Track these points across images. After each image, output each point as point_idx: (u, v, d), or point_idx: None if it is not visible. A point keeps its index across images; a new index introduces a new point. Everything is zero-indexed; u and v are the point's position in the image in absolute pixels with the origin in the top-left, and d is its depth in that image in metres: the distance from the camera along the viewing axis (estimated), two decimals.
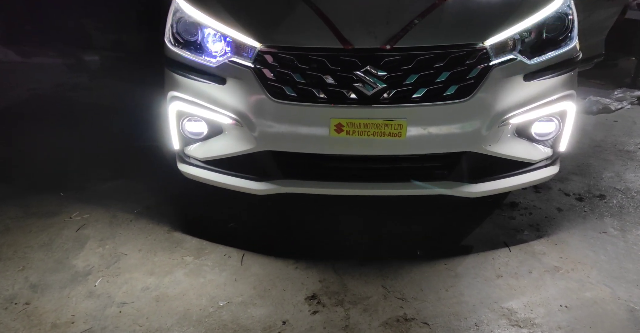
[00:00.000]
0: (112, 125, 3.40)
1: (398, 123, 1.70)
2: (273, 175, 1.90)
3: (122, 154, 2.92)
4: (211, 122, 1.92)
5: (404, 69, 1.68)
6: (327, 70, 1.70)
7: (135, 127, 3.30)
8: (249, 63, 1.74)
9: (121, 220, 2.23)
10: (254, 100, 1.76)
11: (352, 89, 1.70)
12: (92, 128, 3.35)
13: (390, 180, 1.90)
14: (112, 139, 3.16)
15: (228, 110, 1.82)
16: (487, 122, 1.76)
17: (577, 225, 2.19)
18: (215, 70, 1.81)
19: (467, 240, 2.10)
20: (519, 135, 1.92)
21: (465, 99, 1.70)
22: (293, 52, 1.71)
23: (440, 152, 1.83)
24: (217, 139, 1.95)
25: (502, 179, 1.94)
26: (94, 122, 3.46)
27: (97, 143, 3.09)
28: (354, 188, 1.89)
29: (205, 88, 1.84)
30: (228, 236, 2.12)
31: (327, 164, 1.92)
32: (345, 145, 1.78)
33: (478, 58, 1.70)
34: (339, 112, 1.72)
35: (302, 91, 1.73)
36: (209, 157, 1.96)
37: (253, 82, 1.74)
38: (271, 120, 1.77)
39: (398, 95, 1.70)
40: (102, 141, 3.12)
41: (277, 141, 1.81)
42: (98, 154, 2.93)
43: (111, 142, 3.10)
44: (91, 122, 3.47)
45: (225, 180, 1.97)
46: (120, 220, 2.24)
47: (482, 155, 1.84)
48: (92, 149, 3.00)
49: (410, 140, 1.74)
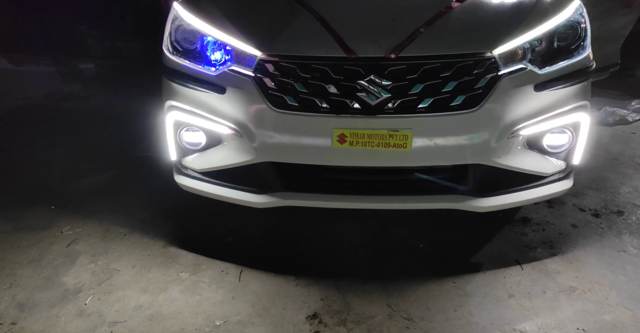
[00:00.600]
0: (107, 136, 3.45)
1: (403, 134, 1.73)
2: (273, 188, 1.93)
3: (117, 165, 2.97)
4: (210, 132, 1.95)
5: (410, 79, 1.72)
6: (330, 80, 1.74)
7: (131, 138, 3.34)
8: (250, 72, 1.79)
9: (114, 235, 2.26)
10: (254, 110, 1.80)
11: (356, 99, 1.74)
12: (86, 139, 3.40)
13: (395, 193, 1.93)
14: (107, 150, 3.21)
15: (227, 120, 1.86)
16: (496, 134, 1.78)
17: (593, 243, 2.20)
18: (214, 79, 1.85)
19: (476, 256, 2.11)
20: (530, 147, 1.94)
21: (473, 110, 1.74)
22: (295, 61, 1.75)
23: (447, 165, 1.86)
24: (215, 150, 1.98)
25: (512, 193, 1.96)
26: (89, 133, 3.52)
27: (91, 154, 3.14)
28: (357, 201, 1.92)
29: (204, 97, 1.88)
30: (226, 251, 2.14)
31: (329, 176, 1.95)
32: (349, 156, 1.80)
33: (486, 67, 1.74)
34: (342, 122, 1.75)
35: (304, 101, 1.76)
36: (207, 169, 2.00)
37: (253, 92, 1.78)
38: (272, 131, 1.80)
39: (403, 105, 1.74)
40: (97, 152, 3.17)
41: (278, 152, 1.84)
42: (92, 165, 2.98)
43: (106, 154, 3.14)
44: (85, 132, 3.53)
45: (224, 193, 1.99)
46: (114, 235, 2.27)
47: (491, 168, 1.86)
48: (86, 160, 3.05)
49: (416, 152, 1.76)
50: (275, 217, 2.40)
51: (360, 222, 2.37)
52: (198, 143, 2.01)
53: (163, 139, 2.07)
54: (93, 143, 3.29)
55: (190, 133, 2.01)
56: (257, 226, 2.35)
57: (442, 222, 2.37)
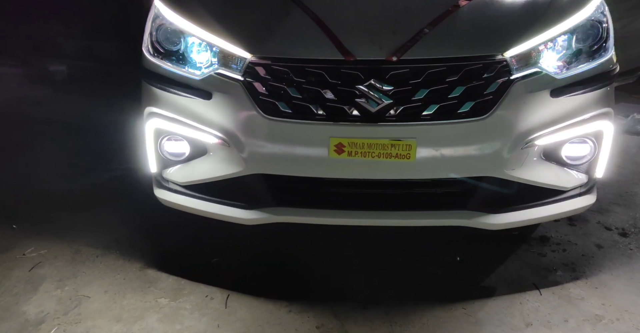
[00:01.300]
0: (80, 146, 3.49)
1: (406, 143, 1.77)
2: (264, 202, 1.96)
3: (90, 179, 3.01)
4: (194, 141, 2.00)
5: (413, 83, 1.77)
6: (326, 84, 1.78)
7: (106, 148, 3.39)
8: (238, 76, 1.83)
9: (85, 256, 2.29)
10: (244, 117, 1.85)
11: (355, 105, 1.78)
12: (55, 149, 3.44)
13: (399, 209, 1.96)
14: (80, 161, 3.25)
15: (213, 128, 1.90)
16: (509, 144, 1.82)
17: (621, 266, 2.22)
18: (199, 84, 1.90)
19: (489, 280, 2.14)
20: (547, 158, 1.98)
21: (483, 117, 1.78)
22: (288, 64, 1.80)
23: (455, 177, 1.89)
24: (200, 161, 2.02)
25: (528, 209, 1.99)
26: (58, 143, 3.55)
27: (62, 166, 3.17)
28: (356, 217, 1.95)
29: (187, 103, 1.93)
30: (211, 274, 2.17)
31: (326, 190, 1.98)
32: (347, 168, 1.84)
33: (497, 71, 1.79)
34: (339, 130, 1.79)
35: (297, 107, 1.81)
36: (191, 182, 2.03)
37: (242, 97, 1.83)
38: (262, 140, 1.85)
39: (406, 112, 1.78)
40: (67, 164, 3.20)
41: (269, 163, 1.88)
42: (61, 179, 3.01)
43: (77, 166, 3.18)
44: (55, 142, 3.57)
45: (209, 208, 2.02)
46: (84, 256, 2.29)
47: (504, 181, 1.90)
48: (55, 173, 3.08)
49: (421, 163, 1.80)
50: (266, 234, 2.43)
51: (360, 240, 2.39)
52: (181, 153, 2.05)
53: (142, 149, 2.11)
54: (64, 153, 3.33)
55: (172, 142, 2.05)
56: (246, 245, 2.39)
57: (451, 241, 2.40)
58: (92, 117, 3.96)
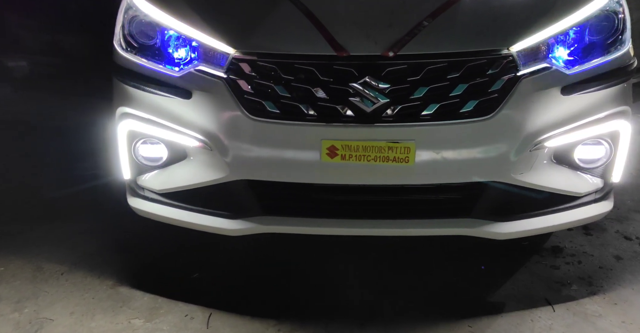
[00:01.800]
0: (43, 151, 3.49)
1: (405, 146, 1.81)
2: (250, 211, 1.99)
3: (55, 187, 3.01)
4: (172, 145, 2.02)
5: (411, 81, 1.80)
6: (317, 82, 1.82)
7: (74, 153, 3.38)
8: (221, 73, 1.86)
9: (48, 274, 2.28)
10: (227, 118, 1.88)
11: (348, 105, 1.81)
12: (16, 154, 3.42)
13: (397, 217, 1.99)
14: (43, 168, 3.25)
15: (194, 130, 1.92)
16: (516, 146, 1.86)
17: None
18: (178, 82, 1.93)
19: (497, 295, 2.17)
20: (558, 161, 2.02)
21: (488, 117, 1.82)
22: (275, 60, 1.83)
23: (457, 182, 1.93)
24: (179, 166, 2.05)
25: (538, 217, 2.03)
26: (19, 147, 3.54)
27: (23, 173, 3.17)
28: (351, 226, 1.98)
29: (165, 103, 1.95)
30: (191, 290, 2.18)
31: (317, 197, 2.00)
32: (340, 173, 1.88)
33: (503, 67, 1.82)
34: (332, 132, 1.83)
35: (286, 107, 1.84)
36: (169, 189, 2.05)
37: (226, 96, 1.86)
38: (248, 143, 1.88)
39: (404, 112, 1.82)
40: (29, 171, 3.20)
41: (256, 168, 1.91)
42: (23, 187, 3.01)
43: (41, 173, 3.18)
44: (16, 146, 3.56)
45: (189, 218, 2.05)
46: (47, 274, 2.28)
47: (512, 187, 1.94)
48: (16, 181, 3.08)
49: (420, 167, 1.84)
50: (252, 245, 2.45)
51: (356, 252, 2.42)
52: (158, 158, 2.08)
53: (114, 154, 2.12)
54: (26, 158, 3.33)
55: (148, 146, 2.07)
56: (231, 258, 2.41)
57: (455, 251, 2.43)
58: (58, 119, 3.96)
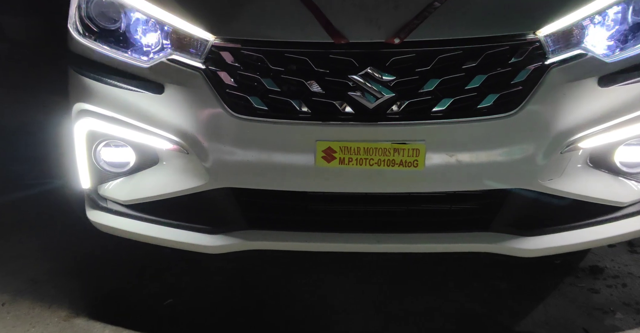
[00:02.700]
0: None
1: (413, 147, 1.87)
2: (233, 225, 2.05)
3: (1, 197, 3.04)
4: (141, 148, 2.07)
5: (421, 72, 1.86)
6: (312, 74, 1.87)
7: (20, 157, 3.42)
8: (199, 63, 1.92)
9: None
10: (206, 117, 1.93)
11: (347, 100, 1.87)
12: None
13: (404, 231, 2.04)
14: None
15: (167, 130, 1.97)
16: (545, 147, 1.91)
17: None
18: (147, 73, 1.98)
19: (524, 323, 2.19)
20: (595, 165, 2.07)
21: (510, 113, 1.87)
22: (262, 48, 1.88)
23: (475, 190, 1.99)
24: (149, 173, 2.10)
25: (572, 231, 2.07)
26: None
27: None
28: (351, 242, 2.03)
29: (132, 98, 2.00)
30: (162, 319, 2.22)
31: (312, 207, 2.07)
32: (338, 179, 1.93)
33: (528, 55, 1.87)
34: (328, 132, 1.88)
35: (275, 103, 1.89)
36: (137, 200, 2.11)
37: (204, 91, 1.91)
38: (231, 145, 1.93)
39: (412, 108, 1.87)
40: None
41: (240, 175, 1.96)
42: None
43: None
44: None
45: (161, 234, 2.10)
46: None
47: (539, 195, 1.99)
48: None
49: (431, 172, 1.90)
50: (235, 264, 2.50)
51: (357, 271, 2.47)
52: (123, 163, 2.13)
53: (70, 158, 2.16)
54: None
55: (111, 149, 2.12)
56: (210, 280, 2.45)
57: (473, 271, 2.47)
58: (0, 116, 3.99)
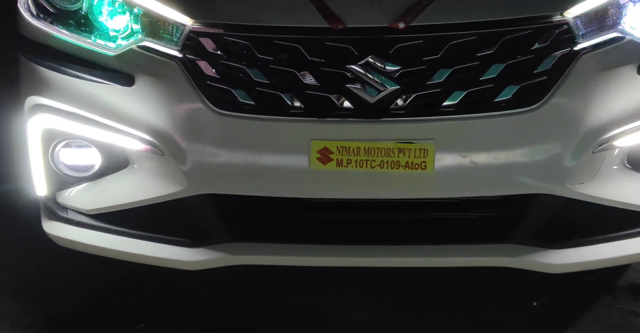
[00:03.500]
0: None
1: (421, 147, 1.92)
2: (216, 237, 2.10)
3: None
4: (108, 148, 2.11)
5: (429, 61, 1.91)
6: (305, 64, 1.92)
7: None
8: (175, 51, 1.96)
9: None
10: (184, 113, 1.98)
11: (345, 94, 1.92)
12: None
13: (411, 242, 2.10)
14: None
15: (138, 128, 2.02)
16: (574, 146, 1.96)
17: None
18: (115, 62, 2.02)
19: None
20: (634, 167, 2.12)
21: (533, 108, 1.92)
22: (248, 34, 1.92)
23: (492, 196, 2.04)
24: (118, 178, 2.15)
25: (607, 243, 2.12)
26: None
27: None
28: (351, 255, 2.09)
29: (97, 91, 2.04)
30: None
31: (306, 216, 2.12)
32: (335, 184, 1.99)
33: (554, 39, 1.92)
34: (324, 130, 1.94)
35: (263, 97, 1.94)
36: (103, 209, 2.15)
37: (182, 83, 1.95)
38: (213, 145, 1.98)
39: (420, 102, 1.93)
40: None
41: (223, 179, 2.00)
42: None
43: None
44: None
45: (131, 248, 2.14)
46: None
47: (568, 202, 2.03)
48: None
49: (442, 176, 1.95)
50: (220, 282, 2.54)
51: (358, 288, 2.51)
52: (87, 166, 2.18)
53: (23, 160, 2.20)
54: None
55: (73, 150, 2.17)
56: (190, 300, 2.48)
57: (493, 288, 2.52)
58: None
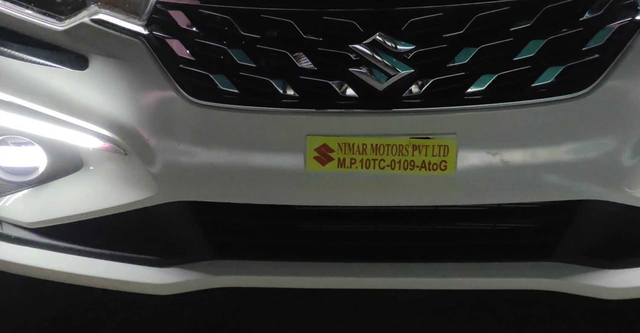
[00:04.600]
0: None
1: (440, 144, 1.99)
2: (193, 253, 2.16)
3: None
4: (56, 146, 2.17)
5: (451, 38, 1.96)
6: (299, 43, 1.96)
7: None
8: (139, 27, 2.01)
9: None
10: (152, 103, 2.03)
11: (349, 80, 1.97)
12: None
13: (429, 260, 2.18)
14: None
15: (95, 121, 2.07)
16: (634, 141, 2.02)
17: None
18: (63, 40, 2.08)
19: None
20: None
21: (582, 94, 1.97)
22: (230, 7, 1.96)
23: (530, 203, 2.12)
24: (69, 183, 2.21)
25: None
26: None
27: None
28: (356, 275, 2.16)
29: (40, 76, 2.11)
30: None
31: (302, 228, 2.19)
32: (337, 189, 2.05)
33: (609, 9, 1.94)
34: (323, 124, 2.00)
35: (249, 84, 1.99)
36: (50, 221, 2.21)
37: (148, 66, 2.00)
38: (188, 142, 2.03)
39: (439, 89, 1.98)
40: None
41: (201, 184, 2.06)
42: None
43: None
44: None
45: (87, 270, 2.21)
46: None
47: (627, 210, 2.10)
48: None
49: (466, 178, 2.03)
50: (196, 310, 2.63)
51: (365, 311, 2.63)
52: (29, 169, 2.24)
53: None
54: None
55: (10, 148, 2.23)
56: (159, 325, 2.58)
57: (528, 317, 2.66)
58: None
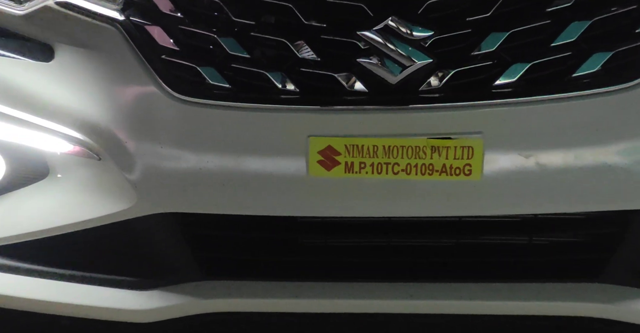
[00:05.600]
0: None
1: (464, 145, 2.09)
2: (179, 272, 2.27)
3: None
4: (17, 151, 2.28)
5: (475, 22, 2.06)
6: (300, 31, 2.07)
7: None
8: (113, 11, 2.12)
9: None
10: (130, 100, 2.14)
11: (357, 72, 2.08)
12: None
13: (452, 279, 2.28)
14: None
15: (62, 121, 2.18)
16: None
17: None
18: (23, 26, 2.21)
19: None
20: None
21: (635, 84, 2.08)
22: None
23: (572, 213, 2.21)
24: (32, 193, 2.33)
25: None
26: None
27: None
28: (368, 297, 2.28)
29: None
30: None
31: (304, 242, 2.29)
32: (344, 197, 2.15)
33: None
34: (328, 123, 2.11)
35: (243, 78, 2.10)
36: (9, 238, 2.35)
37: (125, 57, 2.12)
38: (173, 145, 2.15)
39: (462, 81, 2.09)
40: None
41: (188, 192, 2.17)
42: None
43: None
44: None
45: (54, 295, 2.35)
46: None
47: None
48: None
49: (494, 184, 2.13)
50: None
51: None
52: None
53: None
54: None
55: None
56: None
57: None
58: None
